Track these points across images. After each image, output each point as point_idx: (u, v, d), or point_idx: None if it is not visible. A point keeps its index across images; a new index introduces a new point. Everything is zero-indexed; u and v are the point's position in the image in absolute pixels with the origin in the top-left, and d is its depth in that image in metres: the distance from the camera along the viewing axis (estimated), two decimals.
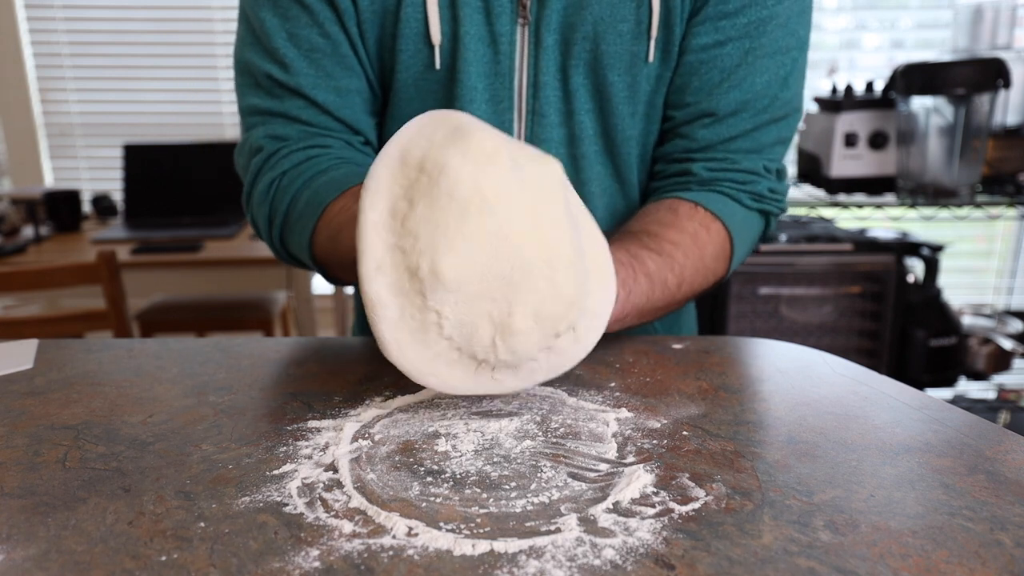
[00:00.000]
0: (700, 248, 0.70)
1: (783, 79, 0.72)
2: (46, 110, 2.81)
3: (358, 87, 0.73)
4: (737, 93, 0.72)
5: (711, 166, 0.74)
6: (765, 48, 0.71)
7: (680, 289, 0.69)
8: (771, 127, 0.74)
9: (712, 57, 0.71)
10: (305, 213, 0.68)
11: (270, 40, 0.71)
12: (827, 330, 1.78)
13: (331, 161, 0.71)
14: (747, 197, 0.74)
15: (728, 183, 0.74)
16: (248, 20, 0.73)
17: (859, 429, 0.50)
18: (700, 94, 0.73)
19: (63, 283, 1.63)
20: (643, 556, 0.36)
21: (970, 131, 1.64)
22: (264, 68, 0.71)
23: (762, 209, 0.75)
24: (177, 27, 2.76)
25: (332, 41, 0.71)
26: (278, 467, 0.45)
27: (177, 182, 2.34)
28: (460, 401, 0.55)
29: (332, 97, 0.72)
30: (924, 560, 0.36)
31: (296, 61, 0.71)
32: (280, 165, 0.71)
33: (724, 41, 0.71)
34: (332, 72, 0.71)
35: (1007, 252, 2.80)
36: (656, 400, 0.55)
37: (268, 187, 0.71)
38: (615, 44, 0.70)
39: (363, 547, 0.37)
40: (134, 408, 0.54)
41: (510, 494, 0.42)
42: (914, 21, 2.71)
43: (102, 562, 0.36)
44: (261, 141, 0.73)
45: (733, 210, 0.73)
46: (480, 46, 0.70)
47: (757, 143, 0.74)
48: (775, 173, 0.76)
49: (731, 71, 0.71)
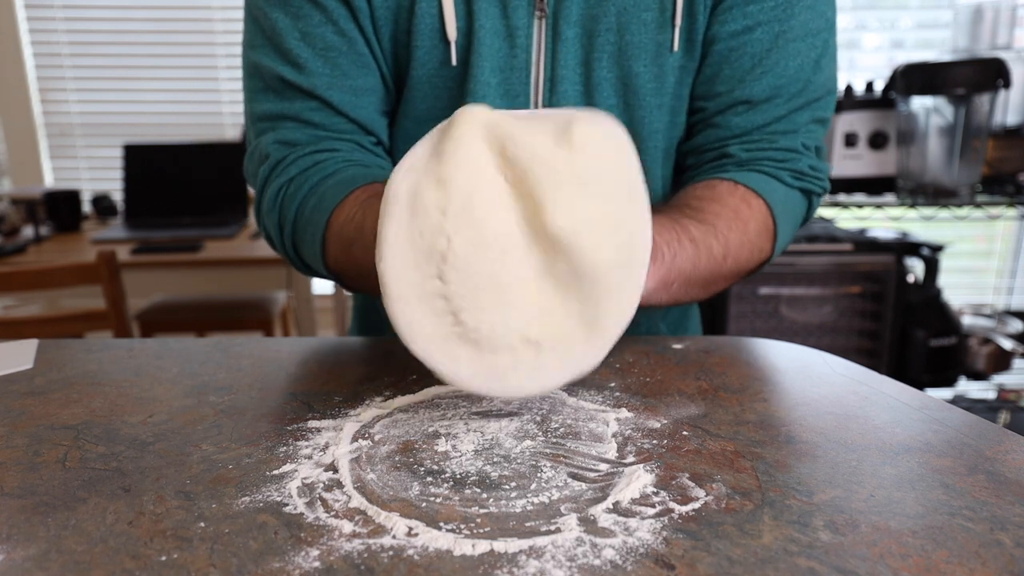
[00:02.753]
0: (743, 222, 0.69)
1: (815, 61, 0.71)
2: (46, 110, 2.81)
3: (373, 85, 0.72)
4: (770, 78, 0.71)
5: (748, 147, 0.72)
6: (795, 31, 0.70)
7: (726, 261, 0.67)
8: (806, 109, 0.73)
9: (742, 43, 0.70)
10: (312, 219, 0.67)
11: (283, 40, 0.69)
12: (827, 330, 1.78)
13: (338, 164, 0.69)
14: (788, 175, 0.72)
15: (767, 162, 0.72)
16: (257, 21, 0.71)
17: (859, 429, 0.50)
18: (732, 82, 0.72)
19: (63, 283, 1.63)
20: (643, 556, 0.36)
21: (970, 131, 1.64)
22: (276, 70, 0.70)
23: (804, 188, 0.74)
24: (177, 27, 2.76)
25: (347, 39, 0.69)
26: (278, 467, 0.45)
27: (177, 182, 2.34)
28: (460, 401, 0.55)
29: (347, 97, 0.71)
30: (924, 560, 0.36)
31: (311, 61, 0.69)
32: (287, 172, 0.70)
33: (753, 26, 0.70)
34: (348, 71, 0.70)
35: (1007, 252, 2.80)
36: (656, 400, 0.55)
37: (276, 195, 0.70)
38: (640, 34, 0.70)
39: (363, 547, 0.37)
40: (134, 408, 0.54)
41: (510, 494, 0.42)
42: (914, 21, 2.71)
43: (102, 562, 0.36)
44: (269, 148, 0.71)
45: (774, 187, 0.71)
46: (496, 40, 0.69)
47: (794, 124, 0.73)
48: (814, 151, 0.75)
49: (762, 56, 0.70)
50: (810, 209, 0.77)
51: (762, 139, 0.73)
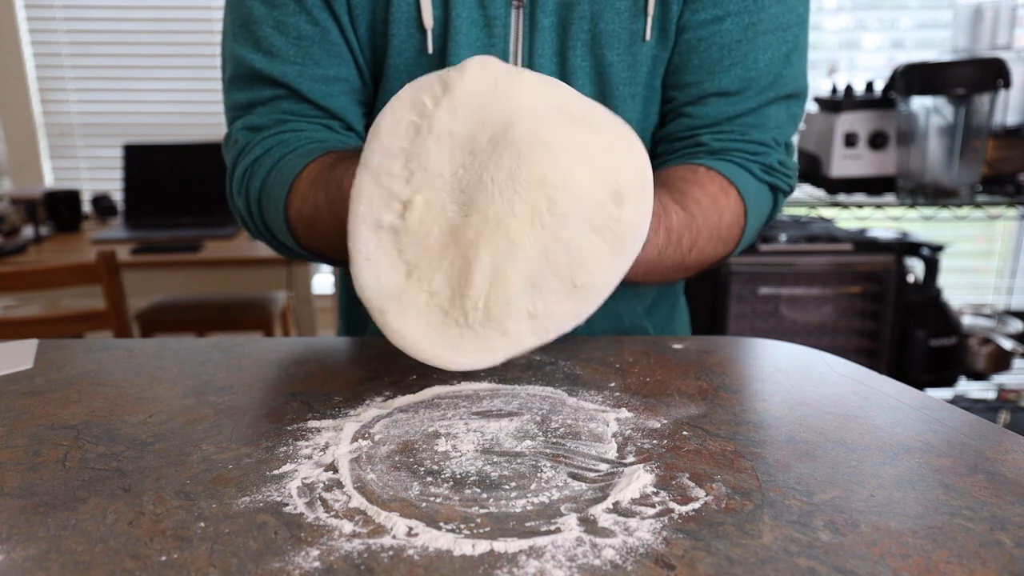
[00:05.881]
0: (719, 213, 0.69)
1: (785, 56, 0.72)
2: (46, 110, 2.80)
3: (347, 75, 0.73)
4: (740, 70, 0.71)
5: (719, 137, 0.72)
6: (765, 24, 0.70)
7: (690, 253, 0.68)
8: (777, 104, 0.73)
9: (712, 33, 0.71)
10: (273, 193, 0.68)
11: (257, 29, 0.70)
12: (827, 330, 1.78)
13: (300, 141, 0.71)
14: (758, 168, 0.73)
15: (738, 153, 0.72)
16: (235, 9, 0.72)
17: (859, 429, 0.50)
18: (701, 72, 0.72)
19: (63, 283, 1.63)
20: (643, 556, 0.36)
21: (970, 131, 1.64)
22: (248, 59, 0.71)
23: (772, 183, 0.74)
24: (177, 27, 2.76)
25: (321, 28, 0.70)
26: (278, 467, 0.45)
27: (177, 182, 2.34)
28: (460, 401, 0.55)
29: (318, 86, 0.72)
30: (924, 560, 0.36)
31: (283, 49, 0.70)
32: (252, 152, 0.71)
33: (723, 16, 0.70)
34: (320, 60, 0.71)
35: (1007, 252, 2.80)
36: (656, 400, 0.55)
37: (242, 176, 0.72)
38: (613, 23, 0.70)
39: (363, 547, 0.37)
40: (134, 408, 0.54)
41: (510, 494, 0.42)
42: (914, 21, 2.71)
43: (102, 562, 0.36)
44: (238, 134, 0.73)
45: (746, 180, 0.72)
46: (473, 30, 0.70)
47: (765, 118, 0.73)
48: (784, 147, 0.75)
49: (732, 47, 0.71)
50: (775, 207, 0.77)
51: (733, 130, 0.73)
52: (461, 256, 0.49)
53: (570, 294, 0.49)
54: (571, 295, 0.49)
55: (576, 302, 0.50)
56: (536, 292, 0.49)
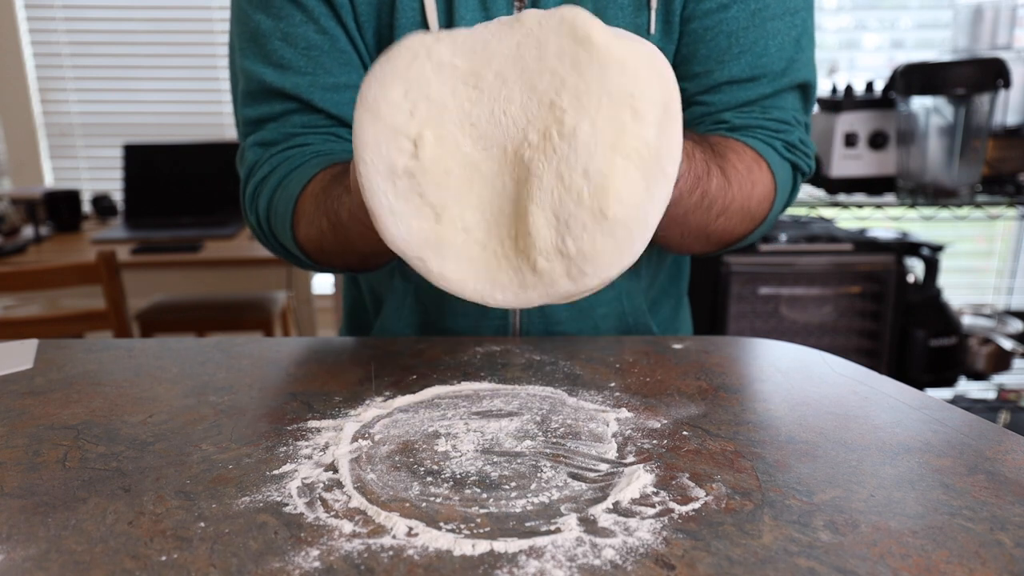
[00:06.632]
0: (752, 184, 0.68)
1: (796, 40, 0.71)
2: (46, 110, 2.81)
3: (356, 82, 0.73)
4: (749, 57, 0.71)
5: (741, 115, 0.72)
6: (772, 9, 0.70)
7: (717, 220, 0.66)
8: (793, 91, 0.73)
9: (717, 22, 0.70)
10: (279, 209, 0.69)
11: (266, 42, 0.71)
12: (827, 330, 1.78)
13: (305, 156, 0.71)
14: (781, 145, 0.72)
15: (761, 130, 0.72)
16: (242, 24, 0.73)
17: (859, 429, 0.50)
18: (710, 61, 0.71)
19: (63, 283, 1.63)
20: (643, 556, 0.36)
21: (970, 131, 1.63)
22: (259, 74, 0.71)
23: (794, 162, 0.73)
24: (177, 27, 2.76)
25: (329, 36, 0.71)
26: (278, 467, 0.45)
27: (177, 182, 2.35)
28: (460, 401, 0.55)
29: (328, 94, 0.72)
30: (924, 560, 0.36)
31: (293, 60, 0.71)
32: (260, 171, 0.72)
33: (728, 4, 0.70)
34: (330, 68, 0.71)
35: (1007, 252, 2.79)
36: (656, 400, 0.55)
37: (252, 195, 0.73)
38: (617, 18, 0.70)
39: (363, 547, 0.37)
40: (134, 408, 0.54)
41: (510, 494, 0.42)
42: (914, 21, 2.71)
43: (102, 562, 0.36)
44: (248, 151, 0.74)
45: (773, 156, 0.71)
46: None
47: (783, 101, 0.73)
48: (803, 126, 0.75)
49: (739, 34, 0.70)
50: (794, 188, 0.77)
51: (754, 110, 0.72)
52: (489, 188, 0.47)
53: (602, 229, 0.45)
54: (604, 230, 0.45)
55: (615, 240, 0.45)
56: (562, 226, 0.46)
